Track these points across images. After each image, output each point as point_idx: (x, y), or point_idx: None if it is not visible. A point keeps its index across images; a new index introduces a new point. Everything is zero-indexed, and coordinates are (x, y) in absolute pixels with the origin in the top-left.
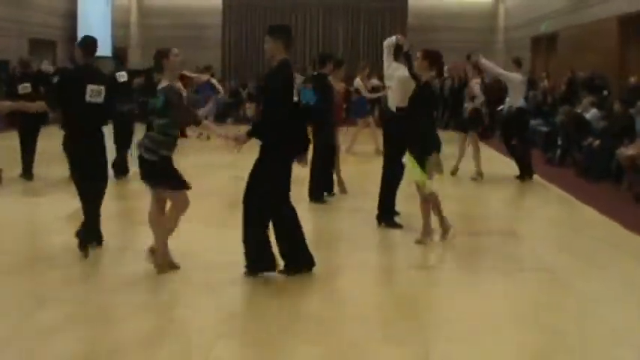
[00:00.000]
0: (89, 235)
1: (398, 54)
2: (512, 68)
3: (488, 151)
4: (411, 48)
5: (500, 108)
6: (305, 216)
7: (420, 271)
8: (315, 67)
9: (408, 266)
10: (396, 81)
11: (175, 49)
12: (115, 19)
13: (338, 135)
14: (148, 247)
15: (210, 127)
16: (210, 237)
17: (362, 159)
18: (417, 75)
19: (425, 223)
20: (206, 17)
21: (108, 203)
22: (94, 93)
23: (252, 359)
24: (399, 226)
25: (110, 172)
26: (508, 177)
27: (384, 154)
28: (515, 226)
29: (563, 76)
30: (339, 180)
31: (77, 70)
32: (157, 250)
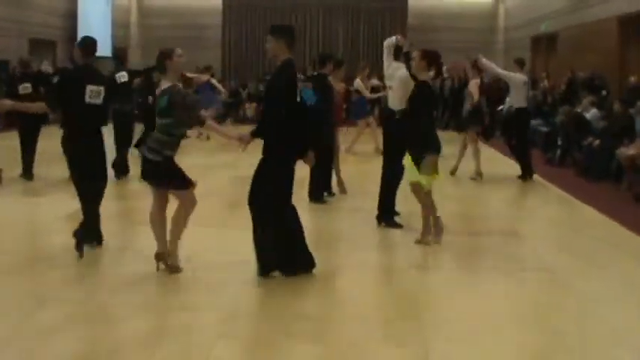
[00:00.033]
0: (88, 235)
1: (398, 54)
2: (514, 68)
3: (488, 151)
4: (412, 47)
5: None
6: (305, 216)
7: (420, 271)
8: (315, 67)
9: (408, 266)
10: (397, 81)
11: (179, 50)
12: (115, 19)
13: (338, 135)
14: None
15: (214, 128)
16: (210, 237)
17: (362, 159)
18: (414, 75)
19: (425, 224)
20: (206, 17)
21: (108, 203)
22: (94, 94)
23: (252, 359)
24: (399, 226)
25: (110, 172)
26: (508, 177)
27: (384, 154)
28: (515, 226)
29: (563, 76)
30: (339, 180)
31: (77, 71)
32: (170, 252)
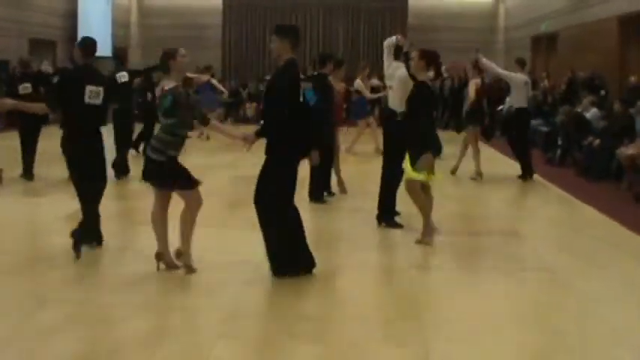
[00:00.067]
0: (88, 236)
1: (398, 54)
2: (515, 68)
3: (488, 151)
4: (411, 47)
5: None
6: (305, 216)
7: (420, 271)
8: (315, 67)
9: (408, 266)
10: (397, 80)
11: (182, 50)
12: (115, 19)
13: (338, 135)
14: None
15: (218, 128)
16: (210, 237)
17: (362, 159)
18: (413, 75)
19: (425, 223)
20: (206, 17)
21: (108, 203)
22: (93, 94)
23: (252, 359)
24: (399, 226)
25: (110, 172)
26: (508, 177)
27: (384, 154)
28: (515, 226)
29: (563, 76)
30: (339, 180)
31: (77, 71)
32: (184, 252)
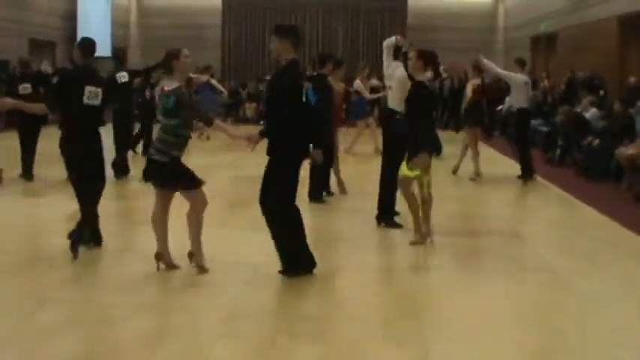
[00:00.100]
0: (87, 236)
1: (397, 54)
2: (514, 69)
3: (488, 151)
4: (411, 47)
5: (499, 108)
6: (305, 216)
7: (420, 271)
8: (314, 67)
9: (408, 266)
10: (397, 81)
11: (186, 50)
12: (115, 19)
13: (337, 135)
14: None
15: (222, 127)
16: (210, 237)
17: (361, 159)
18: (411, 75)
19: (426, 223)
20: (206, 17)
21: (108, 203)
22: (92, 95)
23: (252, 359)
24: (399, 226)
25: (110, 172)
26: (508, 177)
27: (384, 154)
28: (515, 226)
29: (563, 76)
30: (339, 180)
31: (76, 71)
32: (195, 253)
